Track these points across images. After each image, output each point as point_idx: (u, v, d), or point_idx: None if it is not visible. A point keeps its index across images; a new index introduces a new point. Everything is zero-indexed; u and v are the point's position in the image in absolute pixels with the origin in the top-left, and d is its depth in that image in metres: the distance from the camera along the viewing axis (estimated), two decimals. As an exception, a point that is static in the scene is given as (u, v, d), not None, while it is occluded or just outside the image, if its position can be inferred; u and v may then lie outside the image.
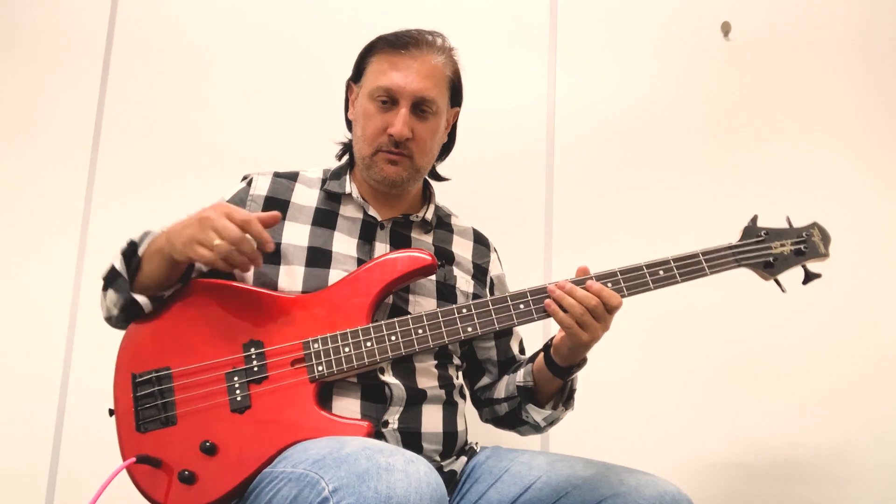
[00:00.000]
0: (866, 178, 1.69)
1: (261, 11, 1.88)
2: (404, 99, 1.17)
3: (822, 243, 1.14)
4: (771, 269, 1.12)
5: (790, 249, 1.13)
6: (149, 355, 1.08)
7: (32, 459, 1.71)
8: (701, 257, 1.10)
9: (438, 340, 1.08)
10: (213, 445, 1.01)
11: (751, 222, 1.15)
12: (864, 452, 1.58)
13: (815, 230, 1.15)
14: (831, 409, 1.60)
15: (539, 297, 1.08)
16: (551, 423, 1.21)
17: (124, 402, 1.06)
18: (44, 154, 1.87)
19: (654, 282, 1.09)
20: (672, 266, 1.09)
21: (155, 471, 1.02)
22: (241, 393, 1.04)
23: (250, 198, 1.21)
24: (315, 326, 1.08)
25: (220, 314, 1.10)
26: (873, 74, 1.74)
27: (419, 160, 1.21)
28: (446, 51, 1.23)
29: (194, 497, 1.00)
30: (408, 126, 1.17)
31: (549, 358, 1.13)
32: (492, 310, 1.09)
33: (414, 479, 0.82)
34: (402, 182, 1.21)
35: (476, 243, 1.34)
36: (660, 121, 1.76)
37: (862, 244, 1.65)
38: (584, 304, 1.04)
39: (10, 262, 1.82)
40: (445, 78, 1.22)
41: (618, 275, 1.09)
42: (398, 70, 1.17)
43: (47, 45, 1.93)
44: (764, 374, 1.63)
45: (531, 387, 1.19)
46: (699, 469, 1.61)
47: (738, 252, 1.11)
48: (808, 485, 1.59)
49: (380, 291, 1.11)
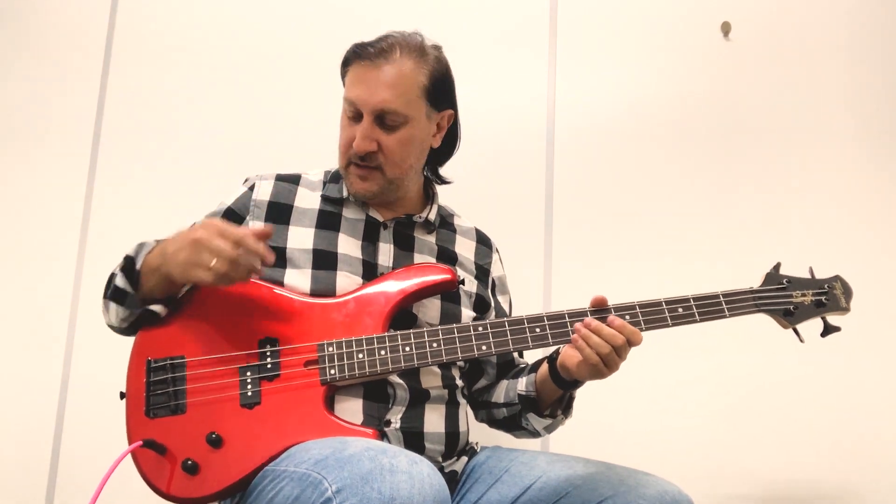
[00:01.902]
0: (866, 177, 1.70)
1: (261, 11, 1.88)
2: (366, 112, 1.15)
3: (843, 297, 1.14)
4: (790, 318, 1.12)
5: (811, 300, 1.13)
6: (166, 342, 1.09)
7: (32, 459, 1.70)
8: (721, 299, 1.10)
9: (452, 356, 1.08)
10: (218, 437, 1.01)
11: (773, 269, 1.15)
12: (864, 452, 1.57)
13: (838, 283, 1.15)
14: (833, 408, 1.59)
15: (556, 324, 1.08)
16: (550, 430, 1.23)
17: (136, 386, 1.07)
18: (44, 154, 1.85)
19: (673, 319, 1.09)
20: (692, 305, 1.09)
21: (159, 458, 1.02)
22: (252, 388, 1.05)
23: (253, 203, 1.21)
24: (331, 330, 1.09)
25: (240, 309, 1.11)
26: (873, 74, 1.75)
27: (390, 171, 1.19)
28: (422, 53, 1.19)
29: (196, 487, 1.00)
30: (369, 139, 1.15)
31: (553, 371, 1.13)
32: (508, 330, 1.09)
33: (417, 480, 0.82)
34: (372, 196, 1.21)
35: (478, 243, 1.34)
36: (660, 121, 1.76)
37: (861, 244, 1.66)
38: (610, 342, 1.03)
39: (10, 262, 1.81)
40: (416, 84, 1.17)
41: (636, 308, 1.09)
42: (362, 82, 1.16)
43: (47, 45, 1.91)
44: (764, 374, 1.62)
45: (533, 397, 1.19)
46: (699, 469, 1.60)
47: (759, 297, 1.11)
48: (809, 485, 1.57)
49: (398, 302, 1.12)
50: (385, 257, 1.21)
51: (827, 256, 1.62)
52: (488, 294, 1.31)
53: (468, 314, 1.23)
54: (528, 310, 1.15)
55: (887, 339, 1.62)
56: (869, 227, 1.68)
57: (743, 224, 1.70)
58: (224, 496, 1.02)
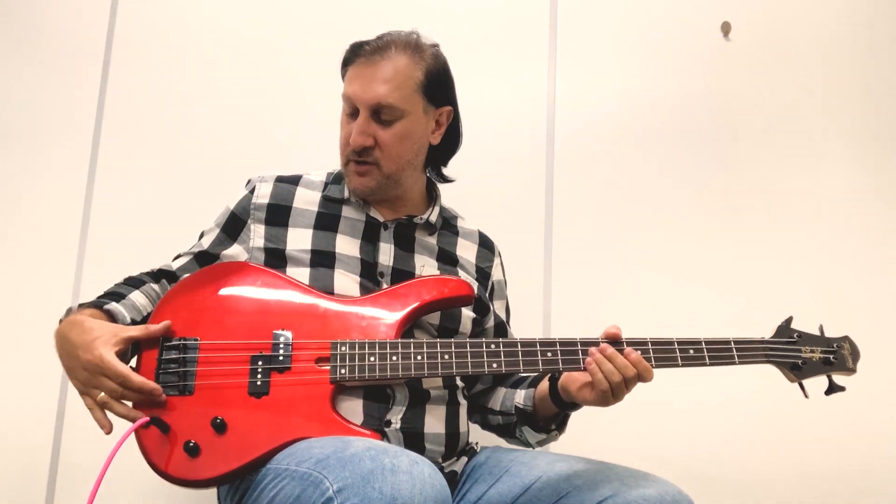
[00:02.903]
0: (866, 177, 1.71)
1: (261, 11, 1.88)
2: (362, 107, 1.17)
3: (850, 357, 1.15)
4: (798, 372, 1.13)
5: (819, 357, 1.14)
6: (182, 322, 1.09)
7: (32, 459, 1.68)
8: (733, 345, 1.11)
9: (462, 370, 1.09)
10: (223, 423, 1.02)
11: (785, 322, 1.17)
12: (864, 452, 1.58)
13: (846, 344, 1.16)
14: (833, 408, 1.54)
15: (568, 350, 1.09)
16: (543, 444, 1.24)
17: (148, 362, 1.07)
18: (44, 154, 1.84)
19: (683, 360, 1.10)
20: (703, 348, 1.10)
21: (162, 436, 1.02)
22: (261, 378, 1.05)
23: (253, 206, 1.24)
24: (347, 331, 1.10)
25: (259, 299, 1.12)
26: (873, 74, 1.76)
27: (387, 167, 1.20)
28: (418, 49, 1.21)
29: (194, 470, 1.00)
30: (365, 134, 1.17)
31: (554, 391, 1.15)
32: (519, 351, 1.10)
33: (418, 480, 0.82)
34: (371, 192, 1.22)
35: (481, 246, 1.35)
36: (659, 120, 1.77)
37: (862, 243, 1.67)
38: (623, 373, 1.05)
39: (10, 262, 1.79)
40: (412, 79, 1.19)
41: (648, 345, 1.10)
42: (358, 78, 1.18)
43: (47, 45, 1.89)
44: (764, 374, 1.60)
45: (530, 412, 1.21)
46: (699, 469, 1.59)
47: (770, 349, 1.13)
48: (809, 485, 1.57)
49: (414, 310, 1.13)
50: (386, 257, 1.22)
51: (827, 256, 1.65)
52: (486, 296, 1.32)
53: (468, 315, 1.24)
54: (528, 311, 1.16)
55: (888, 339, 1.63)
56: (869, 226, 1.69)
57: (743, 223, 1.71)
58: (221, 482, 1.03)
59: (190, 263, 1.25)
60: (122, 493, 1.58)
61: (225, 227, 1.26)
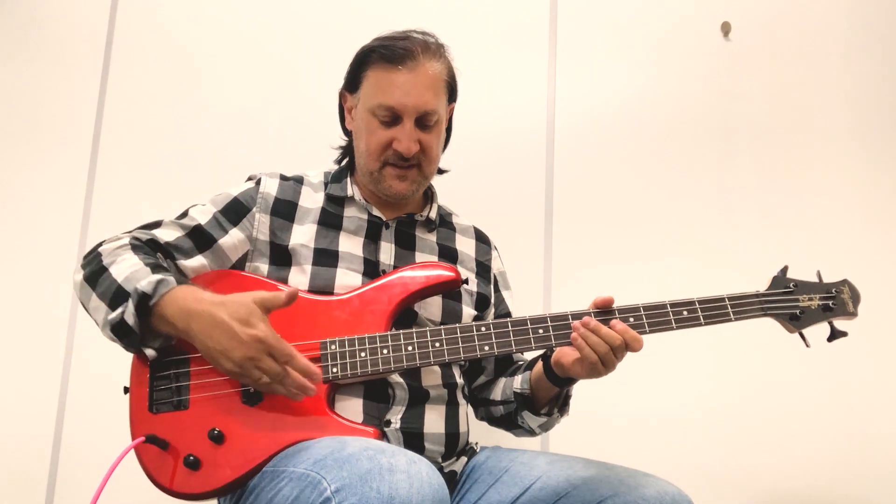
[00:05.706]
0: (866, 177, 1.69)
1: (261, 11, 1.88)
2: (407, 115, 1.18)
3: (850, 301, 1.12)
4: (797, 322, 1.11)
5: (818, 304, 1.12)
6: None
7: (32, 459, 1.71)
8: (727, 302, 1.09)
9: (454, 356, 1.08)
10: (220, 434, 1.02)
11: (780, 272, 1.14)
12: (864, 452, 1.57)
13: (846, 287, 1.13)
14: (833, 408, 1.59)
15: (559, 325, 1.08)
16: (546, 429, 1.23)
17: (141, 381, 1.07)
18: (44, 154, 1.85)
19: (677, 322, 1.08)
20: (697, 308, 1.08)
21: (162, 453, 1.02)
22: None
23: (260, 195, 1.22)
24: (334, 328, 1.09)
25: (244, 306, 1.11)
26: (873, 74, 1.74)
27: (427, 168, 1.23)
28: (440, 53, 1.23)
29: (198, 483, 1.00)
30: (414, 140, 1.18)
31: (548, 368, 1.14)
32: (511, 331, 1.09)
33: (416, 479, 0.82)
34: (412, 195, 1.25)
35: (478, 241, 1.36)
36: (659, 121, 1.76)
37: (862, 243, 1.66)
38: (608, 342, 1.03)
39: (11, 263, 1.81)
40: (443, 83, 1.23)
41: (641, 310, 1.08)
42: (398, 87, 1.17)
43: (47, 45, 1.91)
44: (765, 374, 1.61)
45: (528, 394, 1.20)
46: (699, 469, 1.60)
47: (766, 301, 1.10)
48: (809, 485, 1.57)
49: (401, 301, 1.12)
50: (387, 256, 1.21)
51: (827, 256, 1.64)
52: (490, 291, 1.31)
53: (469, 312, 1.23)
54: (529, 310, 1.15)
55: (888, 340, 1.62)
56: (869, 226, 1.68)
57: (743, 223, 1.70)
58: (226, 492, 1.03)
59: (183, 240, 1.17)
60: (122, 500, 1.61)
61: (225, 210, 1.20)
